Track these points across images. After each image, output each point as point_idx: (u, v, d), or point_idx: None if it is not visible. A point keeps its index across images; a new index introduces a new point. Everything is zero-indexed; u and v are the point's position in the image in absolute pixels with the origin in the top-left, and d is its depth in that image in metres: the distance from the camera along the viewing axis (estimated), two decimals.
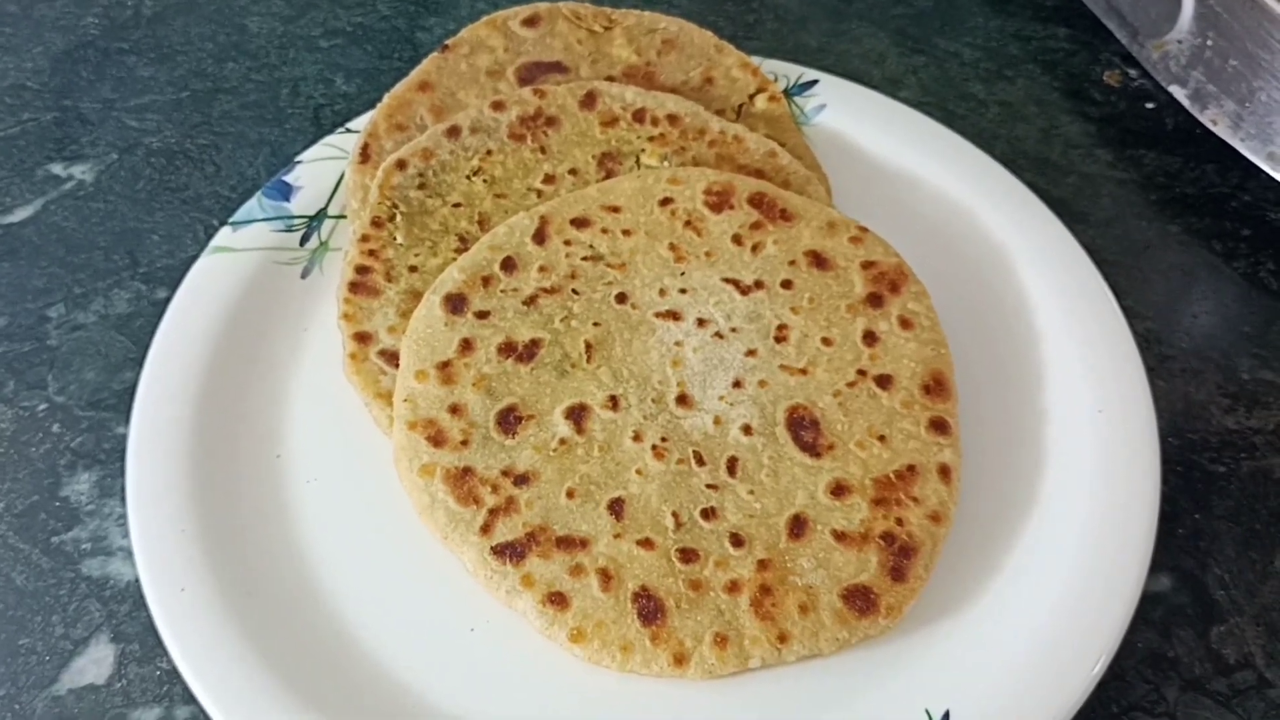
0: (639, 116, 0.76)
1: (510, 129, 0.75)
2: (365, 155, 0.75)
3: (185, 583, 0.58)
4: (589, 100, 0.76)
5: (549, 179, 0.74)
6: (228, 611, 0.57)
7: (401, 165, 0.72)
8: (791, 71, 0.85)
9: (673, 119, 0.76)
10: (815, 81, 0.84)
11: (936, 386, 0.63)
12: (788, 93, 0.83)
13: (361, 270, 0.68)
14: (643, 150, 0.75)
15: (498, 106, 0.75)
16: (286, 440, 0.66)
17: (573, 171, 0.74)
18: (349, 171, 0.75)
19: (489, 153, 0.74)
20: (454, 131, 0.74)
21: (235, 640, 0.56)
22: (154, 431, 0.64)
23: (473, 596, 0.59)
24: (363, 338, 0.67)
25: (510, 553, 0.58)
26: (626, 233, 0.69)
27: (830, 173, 0.78)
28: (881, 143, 0.81)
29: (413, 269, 0.69)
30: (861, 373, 0.64)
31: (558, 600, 0.57)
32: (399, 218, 0.70)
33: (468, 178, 0.73)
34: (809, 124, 0.82)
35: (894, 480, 0.60)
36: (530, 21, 0.81)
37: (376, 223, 0.70)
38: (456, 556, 0.59)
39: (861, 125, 0.82)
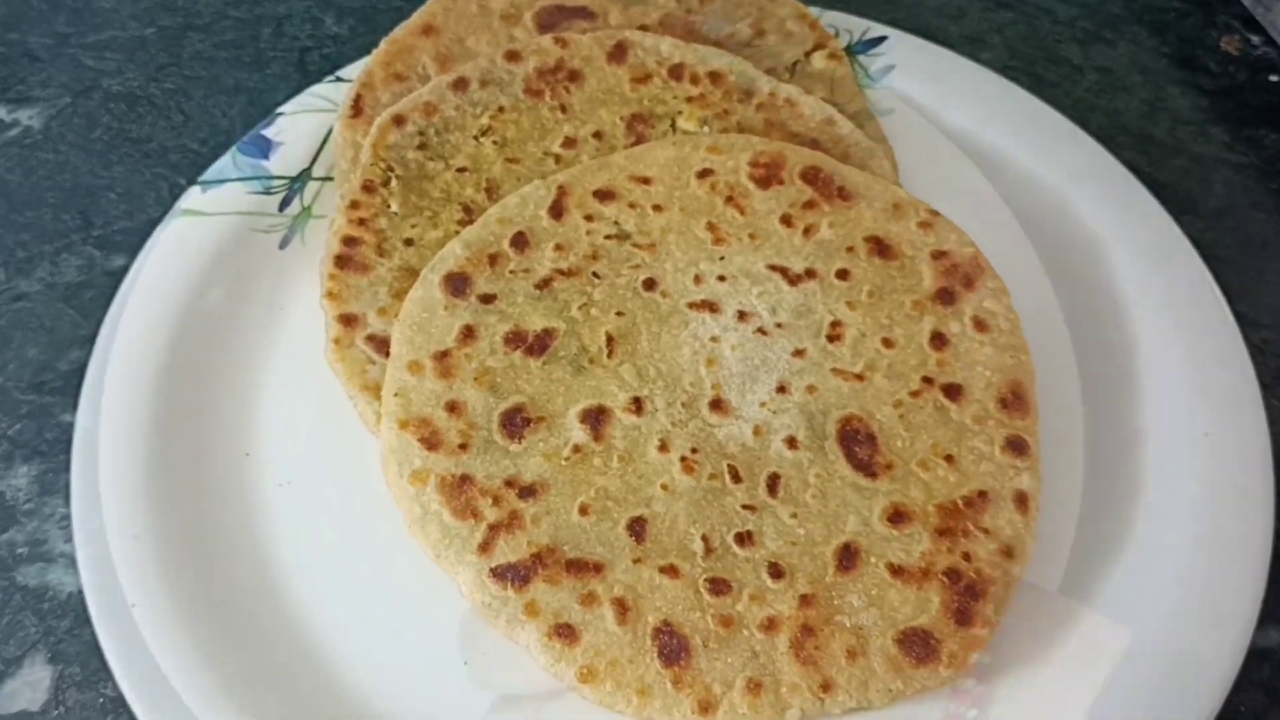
0: (676, 73, 0.76)
1: (526, 83, 0.75)
2: (358, 109, 0.75)
3: (135, 597, 0.58)
4: (618, 52, 0.76)
5: (569, 142, 0.74)
6: (184, 632, 0.58)
7: (399, 121, 0.72)
8: (856, 25, 0.85)
9: (715, 77, 0.76)
10: (883, 38, 0.84)
11: (1015, 400, 0.63)
12: (850, 50, 0.83)
13: (349, 242, 0.69)
14: (679, 112, 0.75)
15: (512, 57, 0.75)
16: (257, 437, 0.67)
17: (597, 135, 0.74)
18: (338, 127, 0.75)
19: (501, 110, 0.74)
20: (461, 84, 0.74)
21: (191, 665, 0.57)
22: (105, 421, 0.64)
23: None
24: (349, 320, 0.67)
25: (513, 576, 0.58)
26: (657, 208, 0.69)
27: (896, 145, 0.78)
28: (957, 112, 0.80)
29: (409, 242, 0.69)
30: (928, 380, 0.64)
31: (566, 633, 0.57)
32: (394, 182, 0.71)
33: (475, 138, 0.73)
34: (874, 87, 0.82)
35: (961, 507, 0.60)
36: None
37: (368, 187, 0.70)
38: (451, 578, 0.59)
39: (935, 91, 0.82)
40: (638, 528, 0.59)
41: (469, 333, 0.64)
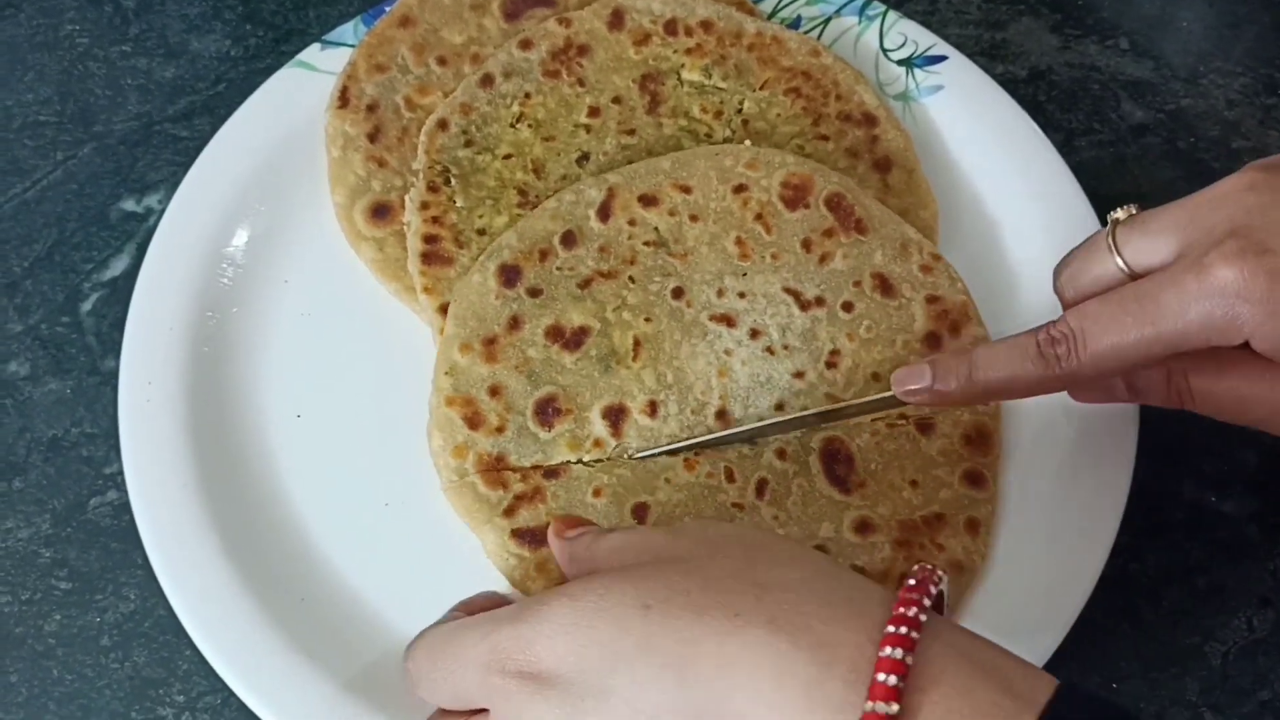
0: (671, 28, 0.86)
1: (543, 66, 0.84)
2: (345, 100, 0.83)
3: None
4: (616, 19, 0.86)
5: (594, 111, 0.84)
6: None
7: (443, 125, 0.81)
8: (924, 40, 0.90)
9: (706, 25, 0.86)
10: (944, 58, 0.89)
11: (979, 439, 0.73)
12: (910, 62, 0.90)
13: (429, 239, 0.78)
14: (682, 65, 0.86)
15: (525, 45, 0.85)
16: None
17: (616, 100, 0.84)
18: (328, 117, 0.83)
19: (528, 96, 0.84)
20: (487, 80, 0.83)
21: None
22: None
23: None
24: (447, 309, 0.76)
25: (529, 538, 0.70)
26: (694, 218, 0.78)
27: None
28: (982, 157, 0.86)
29: (481, 232, 0.79)
30: (904, 416, 0.74)
31: None
32: (453, 180, 0.80)
33: (512, 126, 0.83)
34: (915, 101, 0.89)
35: (920, 525, 0.71)
36: None
37: (433, 188, 0.79)
38: (478, 538, 0.71)
39: (963, 129, 0.87)
40: (640, 511, 0.71)
41: (515, 322, 0.75)
